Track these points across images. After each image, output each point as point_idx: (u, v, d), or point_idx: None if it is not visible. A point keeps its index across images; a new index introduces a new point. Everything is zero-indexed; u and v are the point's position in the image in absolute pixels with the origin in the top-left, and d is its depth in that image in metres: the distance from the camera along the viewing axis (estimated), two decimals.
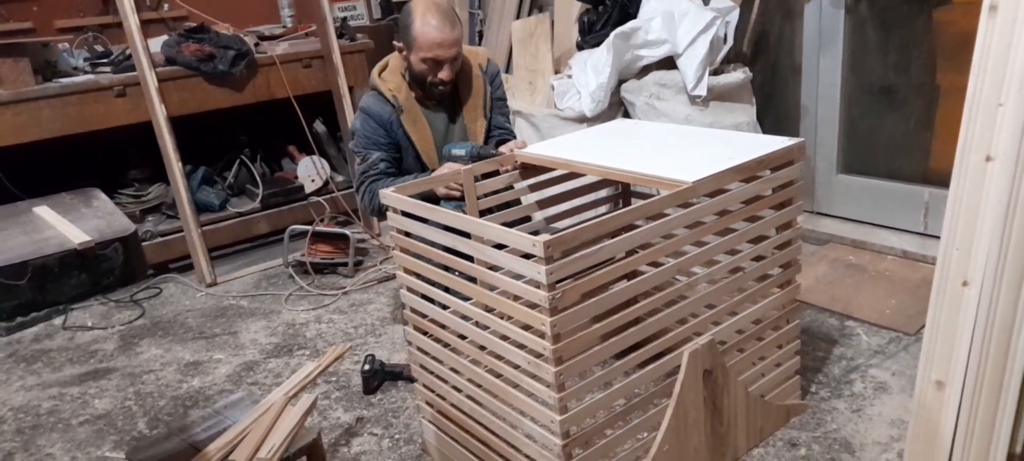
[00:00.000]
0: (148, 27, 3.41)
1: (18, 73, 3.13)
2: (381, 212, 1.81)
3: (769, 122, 3.27)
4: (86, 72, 3.42)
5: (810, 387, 2.15)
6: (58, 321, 3.07)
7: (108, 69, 3.40)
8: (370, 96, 2.33)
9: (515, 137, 2.42)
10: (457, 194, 2.01)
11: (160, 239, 3.51)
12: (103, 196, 3.52)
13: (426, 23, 2.15)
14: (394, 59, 2.35)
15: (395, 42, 2.32)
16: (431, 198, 1.97)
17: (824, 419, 2.01)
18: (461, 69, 2.32)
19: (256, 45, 3.68)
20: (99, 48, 3.64)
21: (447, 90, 2.30)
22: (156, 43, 3.51)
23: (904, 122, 3.04)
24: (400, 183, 2.22)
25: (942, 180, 2.72)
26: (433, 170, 2.26)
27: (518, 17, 3.86)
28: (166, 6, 3.97)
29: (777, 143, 1.82)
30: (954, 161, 1.54)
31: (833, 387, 2.15)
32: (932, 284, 1.60)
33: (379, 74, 2.34)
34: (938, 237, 1.62)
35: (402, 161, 2.34)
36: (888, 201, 3.08)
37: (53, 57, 3.38)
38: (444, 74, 2.21)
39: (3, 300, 3.02)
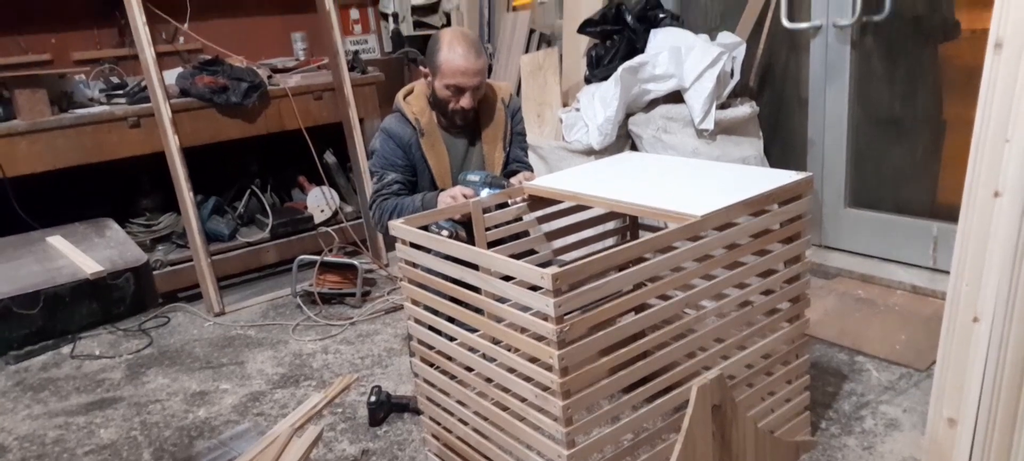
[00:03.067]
0: (163, 60, 3.46)
1: (35, 103, 3.17)
2: (389, 232, 1.85)
3: (776, 155, 3.28)
4: (101, 103, 3.46)
5: (820, 423, 2.12)
6: (66, 349, 3.08)
7: (123, 100, 3.45)
8: (393, 117, 2.39)
9: (530, 170, 2.45)
10: (455, 215, 2.03)
11: (169, 268, 3.53)
12: (116, 226, 3.55)
13: (453, 51, 2.23)
14: (419, 84, 2.42)
15: (421, 67, 2.40)
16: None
17: (834, 456, 1.99)
18: (484, 99, 2.39)
19: (269, 77, 3.73)
20: (115, 79, 3.69)
21: (468, 118, 2.35)
22: (171, 75, 3.56)
23: (912, 155, 3.04)
24: (409, 201, 2.26)
25: (951, 214, 2.71)
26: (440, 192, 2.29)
27: (527, 51, 3.90)
28: (181, 39, 4.03)
29: (785, 177, 1.81)
30: (962, 195, 1.55)
31: (843, 423, 2.12)
32: (942, 319, 1.59)
33: (404, 97, 2.41)
34: (948, 272, 1.61)
35: (417, 184, 2.38)
36: (896, 235, 3.07)
37: (69, 88, 3.42)
38: (465, 101, 2.27)
39: (15, 328, 3.03)
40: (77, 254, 3.26)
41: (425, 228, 1.83)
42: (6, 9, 3.61)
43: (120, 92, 3.50)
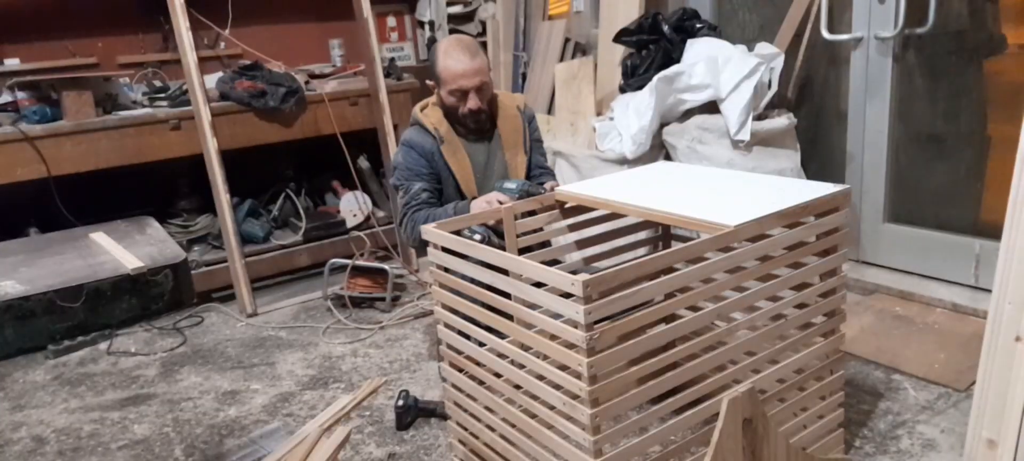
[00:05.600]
0: (205, 64, 3.54)
1: (81, 105, 3.27)
2: (424, 244, 1.84)
3: (814, 168, 3.22)
4: (144, 106, 3.54)
5: (854, 441, 2.08)
6: (103, 346, 3.14)
7: (165, 103, 3.53)
8: (412, 129, 2.44)
9: (553, 177, 2.51)
10: (489, 221, 2.02)
11: (205, 268, 3.59)
12: (156, 224, 3.63)
13: (449, 57, 2.30)
14: (434, 98, 2.47)
15: (428, 82, 2.45)
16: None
17: None
18: (500, 108, 2.43)
19: (306, 83, 3.79)
20: (158, 83, 3.78)
21: (481, 121, 2.38)
22: (211, 79, 3.63)
23: (954, 172, 2.96)
24: (441, 211, 2.28)
25: (994, 232, 2.64)
26: (473, 199, 2.31)
27: (561, 60, 3.90)
28: (222, 45, 4.12)
29: (822, 189, 1.79)
30: (1006, 213, 1.51)
31: (878, 442, 2.07)
32: (983, 339, 1.55)
33: (421, 110, 2.46)
34: (990, 290, 1.57)
35: (443, 192, 2.40)
36: (937, 252, 2.99)
37: (114, 91, 3.51)
38: (472, 103, 2.32)
39: (58, 321, 3.11)
40: (119, 250, 3.34)
41: (458, 233, 1.84)
42: (55, 14, 3.72)
43: (162, 95, 3.58)
